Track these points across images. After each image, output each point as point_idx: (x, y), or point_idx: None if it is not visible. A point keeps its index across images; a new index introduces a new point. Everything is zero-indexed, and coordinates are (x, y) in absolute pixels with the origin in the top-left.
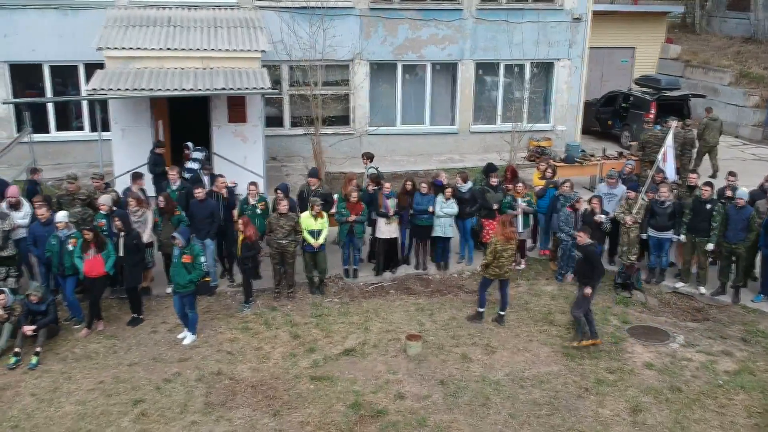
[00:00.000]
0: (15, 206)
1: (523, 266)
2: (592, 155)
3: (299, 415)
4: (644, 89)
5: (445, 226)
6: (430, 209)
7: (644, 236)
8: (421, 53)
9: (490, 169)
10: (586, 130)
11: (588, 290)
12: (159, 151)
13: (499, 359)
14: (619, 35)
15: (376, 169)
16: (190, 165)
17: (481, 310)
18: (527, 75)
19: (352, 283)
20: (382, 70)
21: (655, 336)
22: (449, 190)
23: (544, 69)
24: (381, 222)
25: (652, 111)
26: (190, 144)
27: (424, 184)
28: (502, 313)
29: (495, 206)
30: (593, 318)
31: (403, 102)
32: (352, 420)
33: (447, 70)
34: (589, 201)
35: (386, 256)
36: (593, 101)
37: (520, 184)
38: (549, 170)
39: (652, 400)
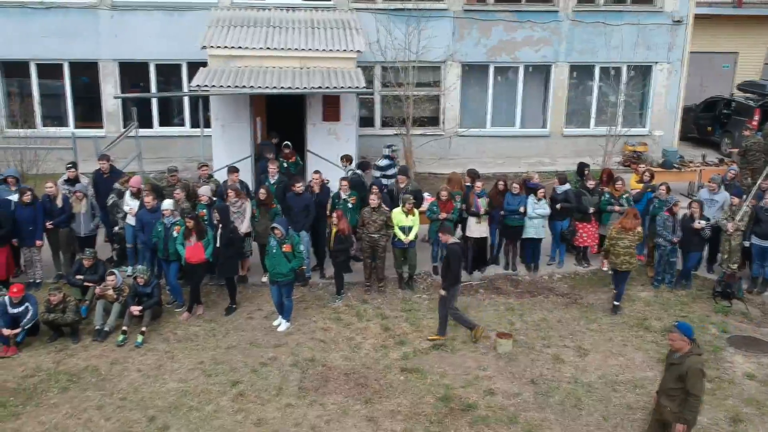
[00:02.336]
0: (136, 195)
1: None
2: (691, 161)
3: (390, 404)
4: (747, 95)
5: (536, 227)
6: (522, 209)
7: (747, 244)
8: (515, 55)
9: (582, 167)
10: (684, 137)
11: (443, 292)
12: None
13: (592, 362)
14: (721, 39)
15: (357, 172)
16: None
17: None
18: (623, 78)
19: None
20: (473, 71)
21: (757, 347)
22: (542, 190)
23: (642, 72)
24: (471, 221)
25: (756, 117)
26: (289, 143)
27: (516, 185)
28: (617, 303)
29: (591, 210)
30: (447, 316)
31: (493, 104)
32: (442, 412)
33: (540, 72)
34: (689, 205)
35: (476, 255)
36: (692, 107)
37: (620, 182)
38: (647, 174)
39: (755, 411)
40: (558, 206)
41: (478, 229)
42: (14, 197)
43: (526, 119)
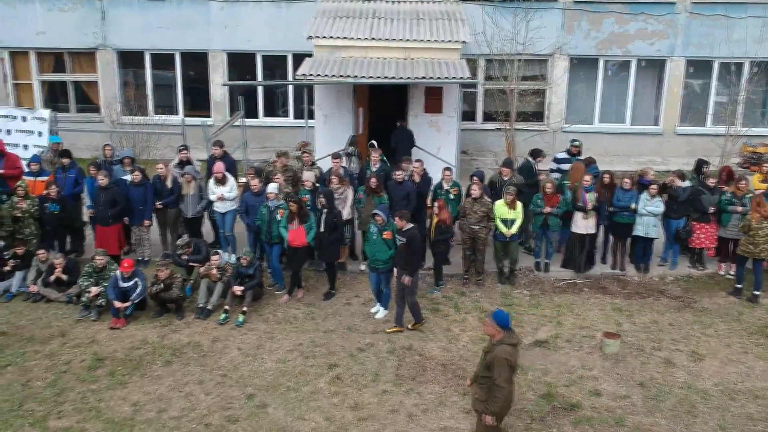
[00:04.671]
0: (221, 181)
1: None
2: None
3: None
4: None
5: (648, 226)
6: (633, 206)
7: None
8: (627, 48)
9: (701, 164)
10: None
11: (407, 279)
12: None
13: (708, 368)
14: None
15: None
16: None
17: (738, 286)
18: (745, 75)
19: (543, 276)
20: (582, 65)
21: None
22: (654, 186)
23: (766, 69)
24: (578, 216)
25: None
26: (374, 143)
27: (627, 180)
28: (757, 293)
29: (711, 209)
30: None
31: (602, 99)
32: (544, 410)
33: (653, 66)
34: None
35: (581, 252)
36: None
37: (743, 182)
38: None
39: None
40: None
41: (584, 224)
42: (129, 177)
43: (637, 116)
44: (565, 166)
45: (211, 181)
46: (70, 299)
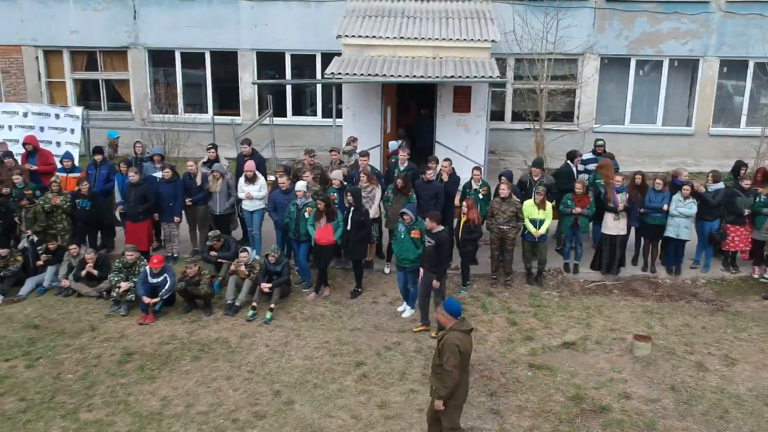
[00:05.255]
0: (251, 180)
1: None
2: None
3: (516, 399)
4: None
5: (679, 227)
6: (665, 207)
7: None
8: (659, 48)
9: (740, 165)
10: None
11: (437, 283)
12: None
13: (741, 372)
14: None
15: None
16: None
17: None
18: None
19: (572, 278)
20: (613, 64)
21: None
22: (687, 187)
23: None
24: (609, 217)
25: None
26: (403, 142)
27: (659, 180)
28: None
29: (746, 212)
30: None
31: (634, 99)
32: (572, 412)
33: (686, 66)
34: None
35: (611, 254)
36: None
37: None
38: None
39: None
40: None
41: (615, 225)
42: (159, 174)
43: (669, 116)
44: (591, 166)
45: (241, 179)
46: (100, 294)
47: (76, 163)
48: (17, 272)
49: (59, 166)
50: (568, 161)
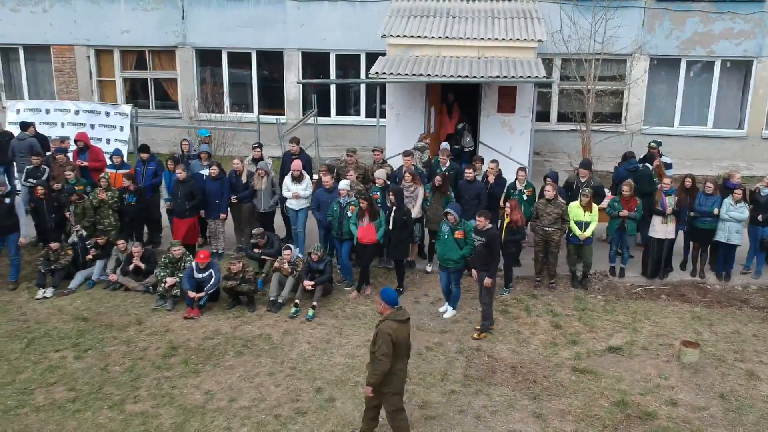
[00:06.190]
0: (298, 179)
1: None
2: None
3: (560, 403)
4: None
5: (730, 232)
6: (715, 211)
7: None
8: (711, 49)
9: None
10: None
11: (489, 281)
12: None
13: None
14: None
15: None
16: None
17: None
18: None
19: (618, 282)
20: (663, 65)
21: None
22: (739, 191)
23: None
24: (657, 220)
25: None
26: (447, 144)
27: (710, 184)
28: None
29: None
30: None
31: (684, 101)
32: (617, 418)
33: (739, 68)
34: None
35: (659, 258)
36: None
37: None
38: None
39: None
40: (759, 217)
41: (663, 229)
42: (206, 171)
43: (720, 119)
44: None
45: (288, 178)
46: (146, 288)
47: (125, 159)
48: (67, 266)
49: (109, 162)
50: (647, 164)
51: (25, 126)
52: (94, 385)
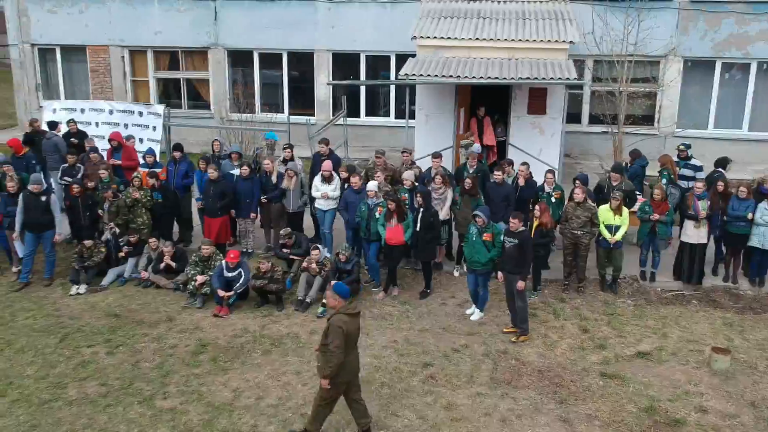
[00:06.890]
0: (327, 179)
1: None
2: None
3: (586, 408)
4: None
5: (764, 237)
6: (749, 216)
7: None
8: (747, 50)
9: None
10: None
11: (522, 284)
12: None
13: None
14: None
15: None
16: None
17: None
18: None
19: (649, 286)
20: (697, 67)
21: None
22: None
23: None
24: (689, 225)
25: None
26: (478, 146)
27: (743, 188)
28: None
29: None
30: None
31: (718, 103)
32: (645, 423)
33: None
34: None
35: (690, 263)
36: None
37: None
38: None
39: None
40: None
41: (696, 233)
42: (237, 171)
43: (756, 122)
44: (701, 174)
45: (317, 178)
46: (177, 286)
47: (158, 159)
48: (100, 263)
49: (142, 161)
50: (720, 169)
51: (53, 125)
52: (125, 380)
